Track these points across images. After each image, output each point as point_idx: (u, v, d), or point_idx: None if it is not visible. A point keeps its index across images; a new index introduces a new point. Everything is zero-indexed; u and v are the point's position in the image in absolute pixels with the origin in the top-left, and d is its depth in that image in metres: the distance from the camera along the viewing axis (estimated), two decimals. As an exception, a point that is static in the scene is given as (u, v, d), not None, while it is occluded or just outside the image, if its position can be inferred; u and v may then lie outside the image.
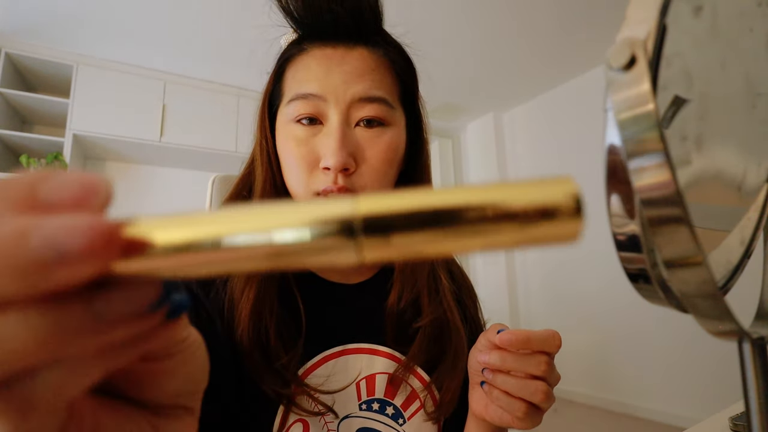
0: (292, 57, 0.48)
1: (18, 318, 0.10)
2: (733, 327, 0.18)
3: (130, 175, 3.03)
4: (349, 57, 0.45)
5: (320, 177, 0.44)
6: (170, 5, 2.22)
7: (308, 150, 0.44)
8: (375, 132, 0.46)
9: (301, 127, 0.45)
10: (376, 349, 0.49)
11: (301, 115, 0.44)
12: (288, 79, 0.47)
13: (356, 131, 0.45)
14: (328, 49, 0.46)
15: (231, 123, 2.99)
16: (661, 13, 0.16)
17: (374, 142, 0.45)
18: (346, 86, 0.44)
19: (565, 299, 3.24)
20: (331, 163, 0.42)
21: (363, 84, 0.45)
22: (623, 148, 0.15)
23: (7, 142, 2.48)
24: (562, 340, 0.38)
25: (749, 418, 0.20)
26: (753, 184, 0.25)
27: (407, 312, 0.50)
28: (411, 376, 0.49)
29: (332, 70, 0.44)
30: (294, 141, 0.45)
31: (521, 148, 3.73)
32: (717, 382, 2.28)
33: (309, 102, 0.44)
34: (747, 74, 0.24)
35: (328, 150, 0.43)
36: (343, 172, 0.43)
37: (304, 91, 0.44)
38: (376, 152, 0.45)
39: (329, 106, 0.44)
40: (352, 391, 0.46)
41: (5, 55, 2.40)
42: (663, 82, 0.16)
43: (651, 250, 0.17)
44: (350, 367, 0.47)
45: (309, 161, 0.44)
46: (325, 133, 0.44)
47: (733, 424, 0.55)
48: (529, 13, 2.41)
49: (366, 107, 0.45)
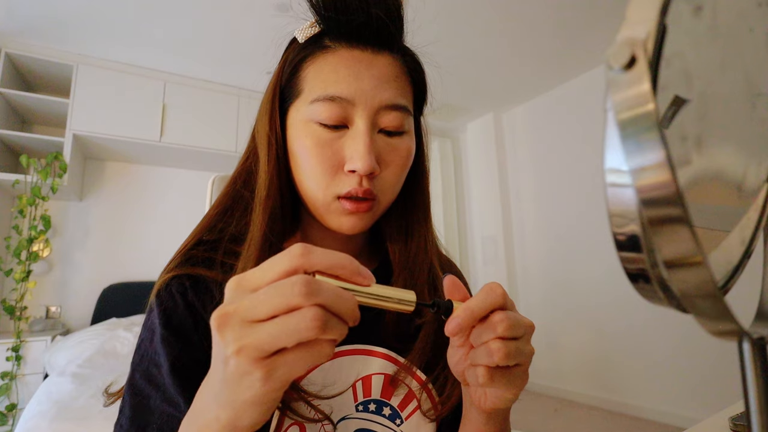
0: (314, 54, 0.46)
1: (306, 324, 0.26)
2: (733, 327, 0.18)
3: (130, 175, 3.04)
4: (377, 62, 0.45)
5: (344, 180, 0.44)
6: (170, 5, 2.22)
7: (332, 153, 0.44)
8: (396, 140, 0.46)
9: (325, 130, 0.44)
10: (371, 350, 0.48)
11: (329, 118, 0.43)
12: (309, 76, 0.45)
13: (378, 137, 0.45)
14: (357, 51, 0.45)
15: (231, 123, 2.99)
16: (661, 13, 0.16)
17: (395, 150, 0.46)
18: (375, 92, 0.44)
19: (565, 299, 3.24)
20: (360, 167, 0.42)
21: (390, 91, 0.45)
22: (623, 147, 0.15)
23: (7, 142, 2.48)
24: (502, 286, 0.34)
25: (749, 418, 0.20)
26: (753, 184, 0.25)
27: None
28: (408, 375, 0.48)
29: (362, 74, 0.44)
30: (315, 142, 0.44)
31: (521, 148, 3.73)
32: (717, 382, 2.28)
33: (336, 105, 0.43)
34: (747, 74, 0.24)
35: (356, 154, 0.43)
36: (368, 176, 0.44)
37: (333, 93, 0.43)
38: (396, 159, 0.46)
39: (357, 111, 0.44)
40: (348, 393, 0.46)
41: (5, 55, 2.40)
42: (663, 82, 0.16)
43: (651, 250, 0.17)
44: (346, 369, 0.47)
45: (333, 164, 0.44)
46: (351, 136, 0.44)
47: (733, 424, 0.55)
48: (529, 13, 2.41)
49: (390, 115, 0.45)
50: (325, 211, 0.46)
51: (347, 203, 0.44)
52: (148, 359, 0.42)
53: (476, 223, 3.99)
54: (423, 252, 0.53)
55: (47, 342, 2.30)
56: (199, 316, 0.43)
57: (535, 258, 3.52)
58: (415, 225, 0.53)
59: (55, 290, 2.69)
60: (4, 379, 2.15)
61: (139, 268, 2.91)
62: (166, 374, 0.40)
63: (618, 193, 0.17)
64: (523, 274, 3.62)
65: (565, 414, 2.84)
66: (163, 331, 0.42)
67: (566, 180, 3.27)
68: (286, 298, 0.26)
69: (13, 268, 2.41)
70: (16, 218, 2.50)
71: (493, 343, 0.33)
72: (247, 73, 2.88)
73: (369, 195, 0.44)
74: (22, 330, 2.31)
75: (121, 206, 2.96)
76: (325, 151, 0.44)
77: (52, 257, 2.71)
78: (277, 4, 2.20)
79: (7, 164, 2.51)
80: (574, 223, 3.17)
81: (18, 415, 2.13)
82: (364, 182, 0.44)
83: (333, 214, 0.46)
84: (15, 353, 2.17)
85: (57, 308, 2.68)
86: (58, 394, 1.66)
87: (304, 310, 0.26)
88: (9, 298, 2.37)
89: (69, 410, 1.52)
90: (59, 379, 1.79)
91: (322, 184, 0.44)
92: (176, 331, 0.42)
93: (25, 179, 2.35)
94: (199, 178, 3.22)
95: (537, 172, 3.56)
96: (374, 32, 0.45)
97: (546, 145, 3.48)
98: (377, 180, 0.45)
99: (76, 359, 2.00)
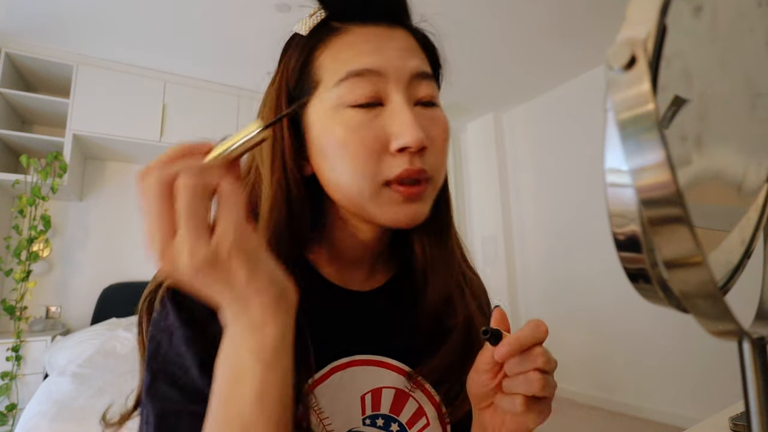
0: (325, 40, 0.42)
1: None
2: (733, 327, 0.18)
3: (130, 175, 3.03)
4: (395, 35, 0.42)
5: (392, 162, 0.39)
6: (170, 5, 2.22)
7: (372, 134, 0.38)
8: (433, 111, 0.42)
9: (358, 112, 0.39)
10: (384, 362, 0.46)
11: (361, 96, 0.39)
12: (325, 63, 0.41)
13: (415, 110, 0.41)
14: (371, 27, 0.41)
15: (231, 123, 2.99)
16: (661, 13, 0.16)
17: (435, 121, 0.42)
18: (403, 61, 0.40)
19: (565, 299, 3.24)
20: (410, 141, 0.37)
21: (416, 59, 0.41)
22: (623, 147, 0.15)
23: (7, 142, 2.48)
24: (548, 327, 0.37)
25: (749, 418, 0.20)
26: (753, 184, 0.25)
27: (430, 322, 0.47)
28: (418, 390, 0.46)
29: (384, 45, 0.40)
30: (349, 128, 0.38)
31: (521, 148, 3.73)
32: (717, 382, 2.28)
33: (366, 81, 0.39)
34: (747, 74, 0.24)
35: (403, 128, 0.38)
36: (419, 152, 0.39)
37: (359, 67, 0.39)
38: (439, 131, 0.42)
39: (389, 84, 0.39)
40: (356, 405, 0.44)
41: (5, 55, 2.40)
42: (663, 82, 0.16)
43: (651, 250, 0.17)
44: (357, 381, 0.44)
45: (375, 147, 0.38)
46: (391, 112, 0.39)
47: (733, 424, 0.55)
48: (529, 13, 2.40)
49: (422, 84, 0.41)
50: (375, 205, 0.40)
51: (401, 188, 0.39)
52: (169, 362, 0.38)
53: (476, 222, 3.99)
54: (452, 251, 0.49)
55: (47, 342, 2.30)
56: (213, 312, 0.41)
57: (535, 258, 3.52)
58: (444, 220, 0.49)
59: (55, 290, 2.69)
60: (4, 379, 2.15)
61: (139, 268, 2.90)
62: (196, 375, 0.37)
63: (618, 193, 0.17)
64: (523, 274, 3.61)
65: (565, 414, 2.84)
66: (186, 331, 0.38)
67: (566, 180, 3.27)
68: (154, 194, 0.27)
69: (13, 268, 2.41)
70: (16, 218, 2.50)
71: (532, 374, 0.35)
72: (247, 73, 2.88)
73: (424, 174, 0.39)
74: (22, 330, 2.31)
75: (121, 206, 2.95)
76: (363, 134, 0.38)
77: (52, 257, 2.71)
78: (277, 5, 2.20)
79: (7, 164, 2.51)
80: (574, 223, 3.17)
81: (18, 415, 2.13)
82: (416, 161, 0.39)
83: (385, 205, 0.40)
84: (15, 353, 2.17)
85: (57, 308, 2.68)
86: (58, 394, 1.65)
87: (177, 185, 0.27)
88: (9, 298, 2.37)
89: (69, 410, 1.52)
90: (59, 379, 1.79)
91: (366, 172, 0.39)
92: (200, 329, 0.39)
93: (25, 179, 2.35)
94: (199, 178, 3.22)
95: (537, 172, 3.56)
96: (384, 8, 0.42)
97: (546, 145, 3.48)
98: (426, 157, 0.40)
99: (76, 359, 2.00)
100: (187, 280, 0.28)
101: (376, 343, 0.46)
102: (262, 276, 0.29)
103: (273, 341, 0.29)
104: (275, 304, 0.30)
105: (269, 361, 0.29)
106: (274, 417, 0.29)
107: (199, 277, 0.27)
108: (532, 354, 0.36)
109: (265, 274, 0.29)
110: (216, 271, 0.27)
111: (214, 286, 0.28)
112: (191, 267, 0.27)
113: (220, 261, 0.27)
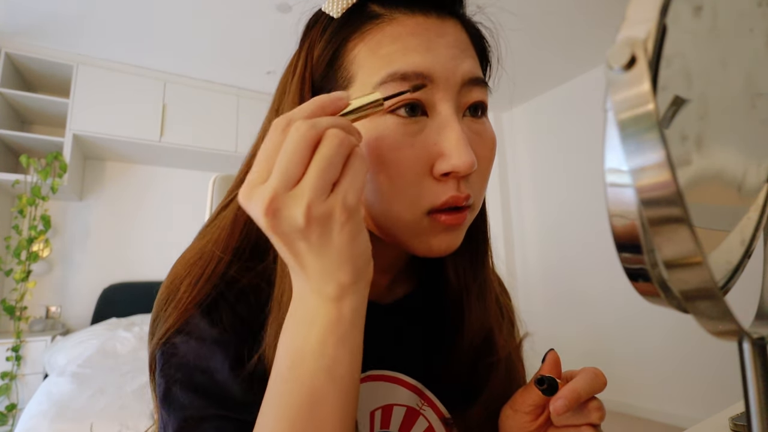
0: (363, 27, 0.35)
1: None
2: (733, 327, 0.18)
3: (130, 175, 3.04)
4: (447, 28, 0.36)
5: (437, 187, 0.34)
6: (170, 5, 2.22)
7: (415, 153, 0.33)
8: (480, 125, 0.37)
9: (402, 122, 0.33)
10: (399, 378, 0.43)
11: (407, 105, 0.33)
12: (361, 56, 0.35)
13: (464, 122, 0.36)
14: (419, 16, 0.35)
15: (231, 123, 3.00)
16: (661, 13, 0.16)
17: (483, 138, 0.37)
18: (454, 63, 0.34)
19: (565, 299, 3.24)
20: (460, 165, 0.32)
21: (469, 61, 0.36)
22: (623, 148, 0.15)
23: (7, 142, 2.48)
24: (605, 377, 0.35)
25: (749, 418, 0.20)
26: (753, 184, 0.25)
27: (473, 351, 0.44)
28: (429, 409, 0.43)
29: (434, 42, 0.34)
30: (386, 143, 0.33)
31: (521, 148, 3.72)
32: (717, 382, 2.28)
33: (411, 84, 0.33)
34: (747, 74, 0.24)
35: (452, 149, 0.32)
36: (464, 177, 0.34)
37: (405, 68, 0.33)
38: (486, 151, 0.37)
39: (437, 90, 0.34)
40: (365, 421, 0.41)
41: (5, 55, 2.40)
42: (663, 82, 0.16)
43: (651, 250, 0.17)
44: (368, 396, 0.41)
45: (419, 169, 0.33)
46: (437, 127, 0.34)
47: (733, 424, 0.55)
48: (529, 14, 2.40)
49: (474, 91, 0.36)
50: (412, 234, 0.35)
51: (445, 217, 0.34)
52: (190, 368, 0.35)
53: (476, 223, 3.99)
54: (489, 270, 0.45)
55: (47, 342, 2.30)
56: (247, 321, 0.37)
57: (536, 258, 3.52)
58: (480, 236, 0.44)
59: (55, 290, 2.69)
60: (4, 379, 2.15)
61: (139, 268, 2.90)
62: (226, 376, 0.34)
63: (618, 193, 0.17)
64: (523, 274, 3.61)
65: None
66: (213, 332, 0.35)
67: (566, 180, 3.27)
68: (303, 140, 0.25)
69: (13, 268, 2.41)
70: (16, 218, 2.50)
71: (585, 429, 0.35)
72: (247, 73, 2.88)
73: (469, 200, 0.35)
74: (22, 330, 2.31)
75: (121, 206, 2.96)
76: (406, 153, 0.33)
77: (52, 257, 2.71)
78: (277, 5, 2.20)
79: (7, 164, 2.51)
80: (574, 223, 3.17)
81: (18, 415, 2.13)
82: (463, 186, 0.34)
83: (423, 235, 0.35)
84: (15, 353, 2.17)
85: (57, 308, 2.68)
86: (58, 394, 1.65)
87: (327, 135, 0.26)
88: (9, 298, 2.37)
89: (69, 410, 1.52)
90: (59, 379, 1.79)
91: (408, 199, 0.33)
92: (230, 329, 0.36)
93: (25, 179, 2.35)
94: (199, 178, 3.22)
95: (537, 172, 3.56)
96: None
97: (546, 145, 3.48)
98: (471, 181, 0.35)
99: (76, 359, 2.00)
100: (284, 231, 0.26)
101: (393, 358, 0.43)
102: (360, 245, 0.28)
103: (350, 312, 0.29)
104: (362, 273, 0.29)
105: (342, 335, 0.29)
106: (344, 389, 0.29)
107: (304, 232, 0.26)
108: (588, 408, 0.35)
109: (363, 242, 0.28)
110: (324, 229, 0.26)
111: (310, 245, 0.26)
112: (304, 218, 0.25)
113: (333, 220, 0.26)
